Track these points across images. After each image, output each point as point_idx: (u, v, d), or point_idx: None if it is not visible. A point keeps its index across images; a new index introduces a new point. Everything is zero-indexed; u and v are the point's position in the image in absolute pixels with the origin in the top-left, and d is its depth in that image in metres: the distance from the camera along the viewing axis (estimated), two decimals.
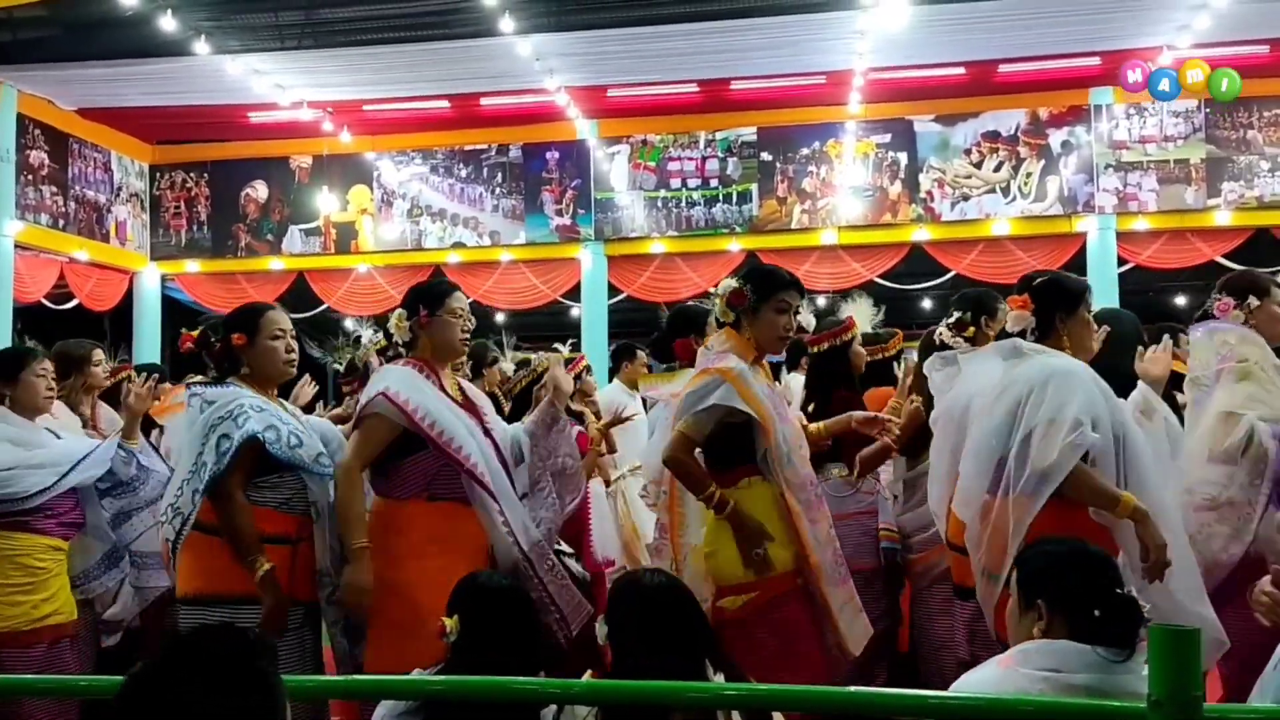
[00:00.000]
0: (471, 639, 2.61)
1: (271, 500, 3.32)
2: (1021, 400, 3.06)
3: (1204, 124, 11.35)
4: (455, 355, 3.66)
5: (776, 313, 3.48)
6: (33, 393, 3.88)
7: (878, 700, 1.94)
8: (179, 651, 1.35)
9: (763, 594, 3.26)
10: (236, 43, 10.16)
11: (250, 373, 3.42)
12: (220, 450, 3.20)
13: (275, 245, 12.69)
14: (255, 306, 3.56)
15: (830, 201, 11.86)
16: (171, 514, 3.29)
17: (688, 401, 3.35)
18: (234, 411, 3.26)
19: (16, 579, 3.68)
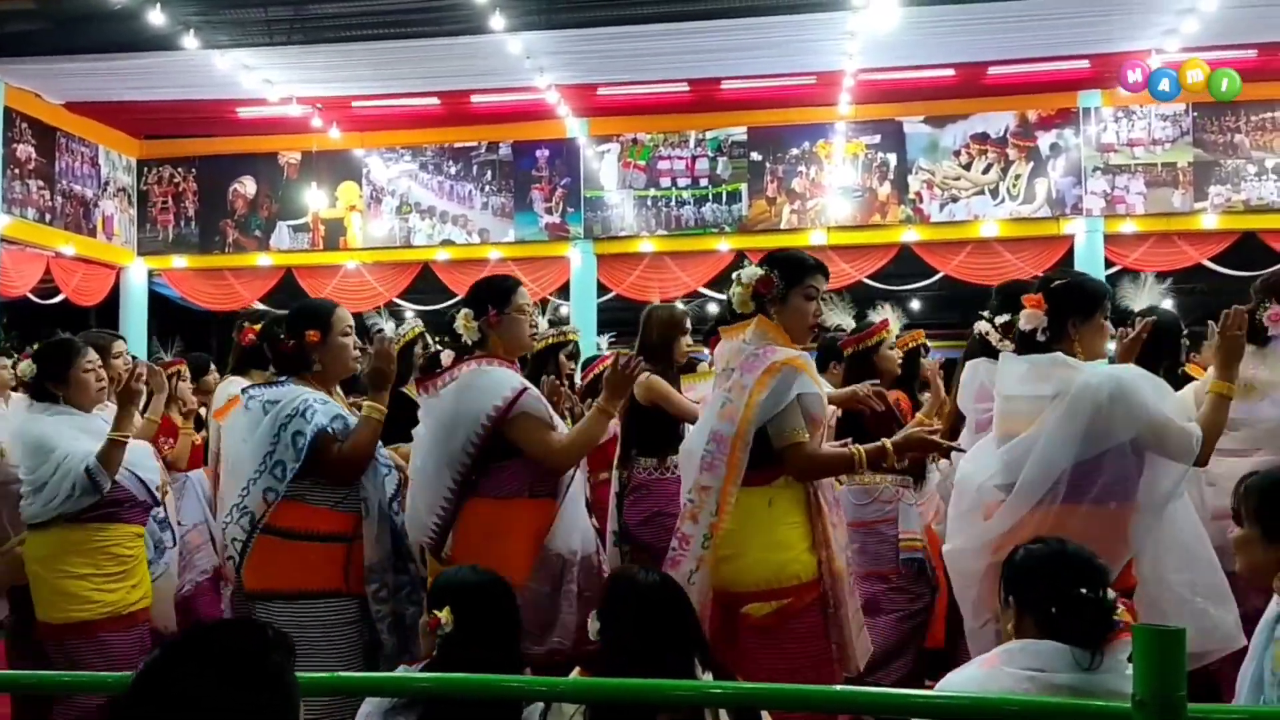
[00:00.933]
0: (456, 635, 2.61)
1: (329, 499, 3.34)
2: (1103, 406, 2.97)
3: (1191, 128, 11.40)
4: (524, 351, 3.67)
5: (805, 299, 3.34)
6: (85, 388, 3.85)
7: (864, 699, 1.94)
8: (192, 644, 1.34)
9: (795, 601, 3.15)
10: (225, 37, 10.12)
11: (320, 369, 3.44)
12: (298, 447, 3.25)
13: (263, 241, 12.65)
14: (326, 303, 3.61)
15: (819, 202, 11.88)
16: (239, 514, 3.32)
17: (770, 403, 3.14)
18: (300, 408, 3.29)
19: (110, 568, 3.75)
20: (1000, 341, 3.73)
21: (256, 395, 3.39)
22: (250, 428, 3.37)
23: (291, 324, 3.47)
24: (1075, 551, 2.29)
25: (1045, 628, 2.16)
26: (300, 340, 3.41)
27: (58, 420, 3.78)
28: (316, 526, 3.30)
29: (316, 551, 3.30)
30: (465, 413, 3.36)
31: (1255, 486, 2.37)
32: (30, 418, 3.83)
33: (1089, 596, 2.14)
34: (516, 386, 3.37)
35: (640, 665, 2.34)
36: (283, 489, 3.27)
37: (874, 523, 4.27)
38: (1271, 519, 2.31)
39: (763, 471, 3.18)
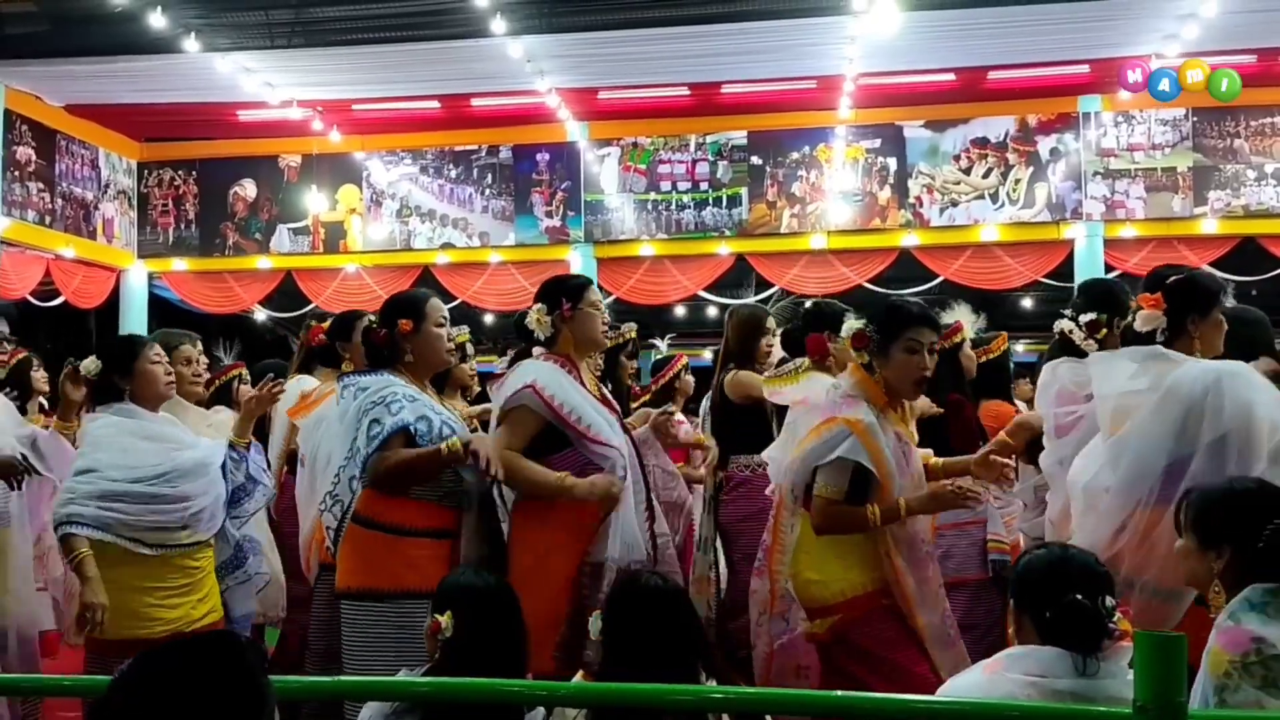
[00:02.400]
0: (458, 638, 2.61)
1: (431, 495, 3.29)
2: (1196, 403, 2.90)
3: (1191, 132, 11.41)
4: (596, 348, 3.69)
5: (907, 353, 3.25)
6: (151, 381, 3.74)
7: (867, 704, 1.94)
8: (167, 652, 1.34)
9: (846, 616, 3.16)
10: (226, 40, 10.12)
11: (413, 361, 3.42)
12: (371, 435, 3.21)
13: (263, 244, 12.64)
14: (420, 293, 3.58)
15: (820, 206, 11.88)
16: (331, 501, 3.29)
17: (815, 452, 3.21)
18: (387, 398, 3.27)
19: (176, 581, 3.61)
20: (1085, 341, 3.64)
21: (351, 382, 3.38)
22: (340, 414, 3.36)
23: (385, 313, 3.45)
24: (1076, 557, 2.29)
25: (1044, 633, 2.17)
26: (393, 330, 3.39)
27: (119, 423, 3.66)
28: (420, 522, 3.25)
29: (421, 548, 3.24)
30: (497, 406, 3.43)
31: (1194, 500, 2.42)
32: (92, 417, 3.72)
33: (1084, 604, 2.14)
34: (526, 381, 3.35)
35: (643, 670, 2.34)
36: (359, 476, 3.23)
37: (964, 524, 4.19)
38: (1206, 529, 2.35)
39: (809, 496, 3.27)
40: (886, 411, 3.29)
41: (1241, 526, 2.27)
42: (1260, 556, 2.22)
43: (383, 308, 3.52)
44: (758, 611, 3.56)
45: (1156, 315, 3.12)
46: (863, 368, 3.28)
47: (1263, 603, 2.16)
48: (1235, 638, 2.12)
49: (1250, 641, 2.09)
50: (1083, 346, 3.63)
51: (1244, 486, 2.41)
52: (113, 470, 3.54)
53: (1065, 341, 3.72)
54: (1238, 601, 2.19)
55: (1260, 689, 2.06)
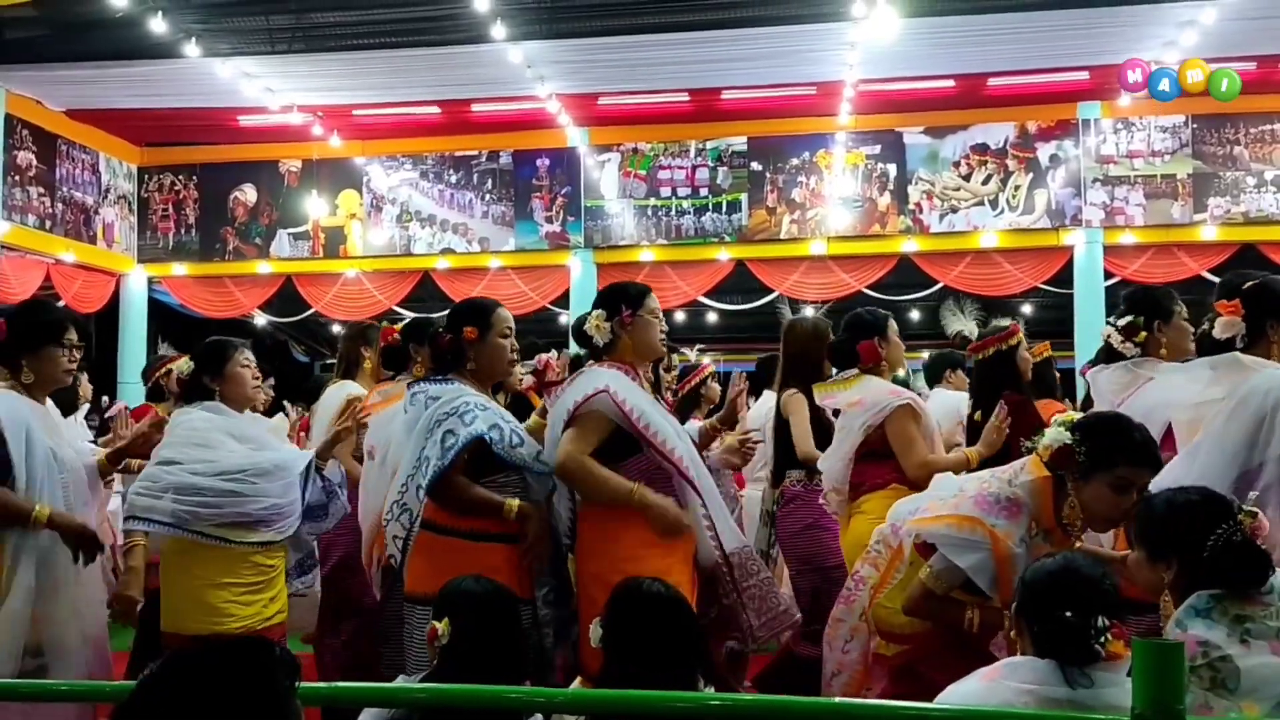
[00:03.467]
0: (457, 645, 2.60)
1: (500, 497, 3.30)
2: (1268, 413, 2.81)
3: (1191, 139, 11.42)
4: (655, 356, 3.63)
5: (1114, 490, 2.75)
6: (241, 384, 3.80)
7: (865, 711, 1.94)
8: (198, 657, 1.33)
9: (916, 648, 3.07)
10: (227, 45, 10.14)
11: (475, 369, 3.42)
12: (445, 446, 3.21)
13: (263, 249, 12.65)
14: (487, 302, 3.59)
15: (819, 212, 11.89)
16: (398, 510, 3.30)
17: (943, 538, 2.89)
18: (460, 409, 3.27)
19: (250, 578, 3.62)
20: (1122, 344, 3.60)
21: (422, 389, 3.38)
22: (410, 421, 3.35)
23: (451, 320, 3.47)
24: (1081, 569, 2.26)
25: (1038, 645, 2.18)
26: (458, 336, 3.40)
27: (210, 418, 3.70)
28: (490, 527, 3.25)
29: (492, 553, 3.24)
30: (558, 413, 3.38)
31: (1140, 513, 2.45)
32: (182, 411, 3.75)
33: (1071, 623, 2.13)
34: (600, 385, 3.31)
35: (642, 675, 2.34)
36: (425, 486, 3.22)
37: None
38: (1153, 542, 2.37)
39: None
40: (1052, 535, 2.88)
41: (1186, 539, 2.28)
42: (1205, 568, 2.25)
43: (450, 313, 3.53)
44: (843, 640, 3.43)
45: (1235, 321, 3.06)
46: (1046, 476, 2.86)
47: (1207, 608, 2.19)
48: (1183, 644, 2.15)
49: (1197, 646, 2.13)
50: (1121, 350, 3.60)
51: (1185, 499, 2.39)
52: (196, 464, 3.59)
53: (1108, 348, 3.68)
54: (1184, 609, 2.22)
55: (1208, 690, 2.09)
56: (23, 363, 3.50)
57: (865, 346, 4.11)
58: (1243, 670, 2.10)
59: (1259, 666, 2.11)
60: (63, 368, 3.56)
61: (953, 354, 5.50)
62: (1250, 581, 2.22)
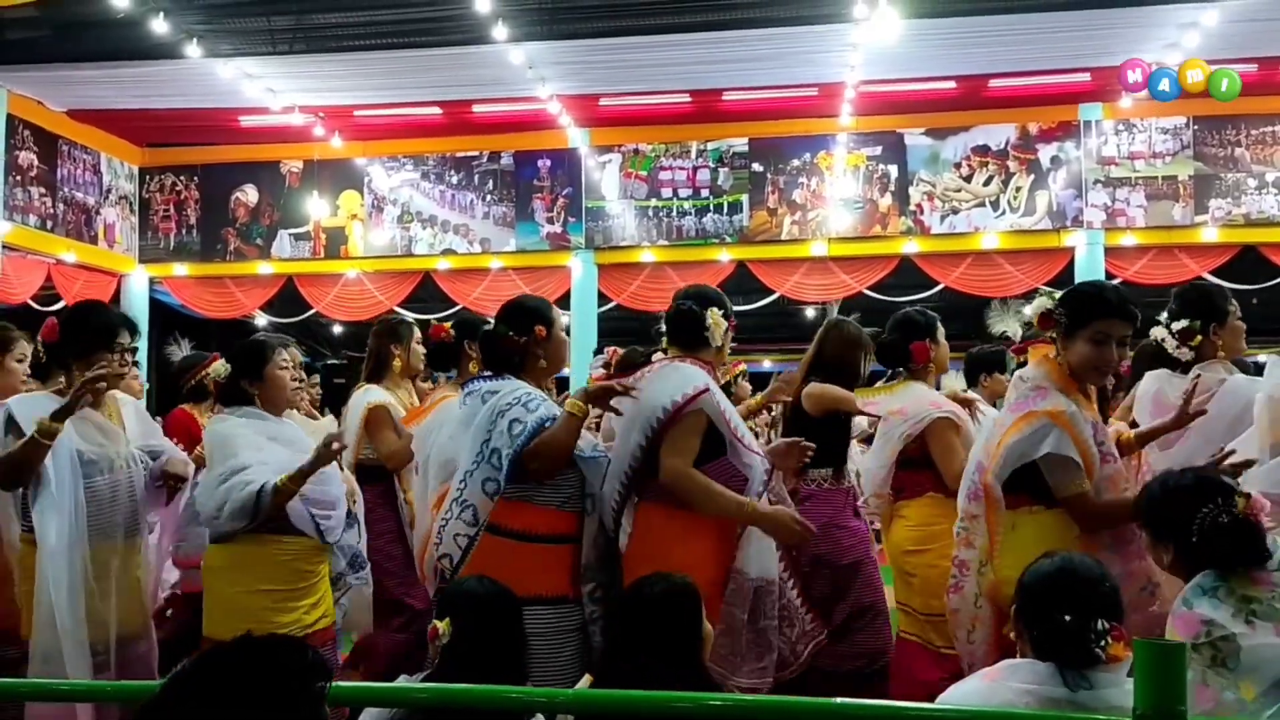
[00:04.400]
0: (458, 645, 2.60)
1: (554, 499, 3.27)
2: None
3: (1192, 141, 11.42)
4: (721, 360, 3.61)
5: (1093, 343, 3.07)
6: (280, 387, 3.73)
7: (864, 712, 1.94)
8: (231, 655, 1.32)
9: None
10: (228, 46, 10.15)
11: (545, 365, 3.43)
12: (514, 434, 3.18)
13: (264, 250, 12.66)
14: (540, 300, 3.58)
15: (820, 213, 11.89)
16: (459, 508, 3.25)
17: (1016, 450, 3.03)
18: (522, 398, 3.26)
19: (290, 584, 3.57)
20: (1178, 349, 3.56)
21: (475, 388, 3.37)
22: (468, 419, 3.32)
23: (516, 319, 3.44)
24: (1080, 571, 2.25)
25: (1035, 648, 2.18)
26: (530, 335, 3.38)
27: (248, 423, 3.65)
28: (544, 528, 3.23)
29: (548, 554, 3.22)
30: (645, 407, 3.29)
31: (1141, 496, 2.53)
32: (219, 418, 3.70)
33: (1070, 627, 2.12)
34: (699, 385, 3.27)
35: (645, 671, 2.33)
36: (501, 479, 3.19)
37: None
38: (1153, 525, 2.46)
39: (1007, 496, 3.11)
40: (1076, 398, 3.10)
41: (1179, 521, 2.35)
42: (1199, 548, 2.31)
43: (510, 313, 3.48)
44: (965, 631, 3.35)
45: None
46: (1050, 357, 3.12)
47: (1213, 587, 2.24)
48: (1188, 622, 2.21)
49: (1200, 624, 2.18)
50: (1176, 355, 3.56)
51: (1179, 481, 2.47)
52: (260, 466, 3.52)
53: (1158, 351, 3.63)
54: (1190, 588, 2.27)
55: (1208, 667, 2.13)
56: (74, 367, 3.48)
57: (918, 347, 4.07)
58: (1243, 649, 2.13)
59: (1261, 647, 2.14)
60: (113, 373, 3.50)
61: (991, 355, 5.43)
62: (1244, 561, 2.26)
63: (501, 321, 3.46)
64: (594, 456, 3.32)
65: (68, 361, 3.49)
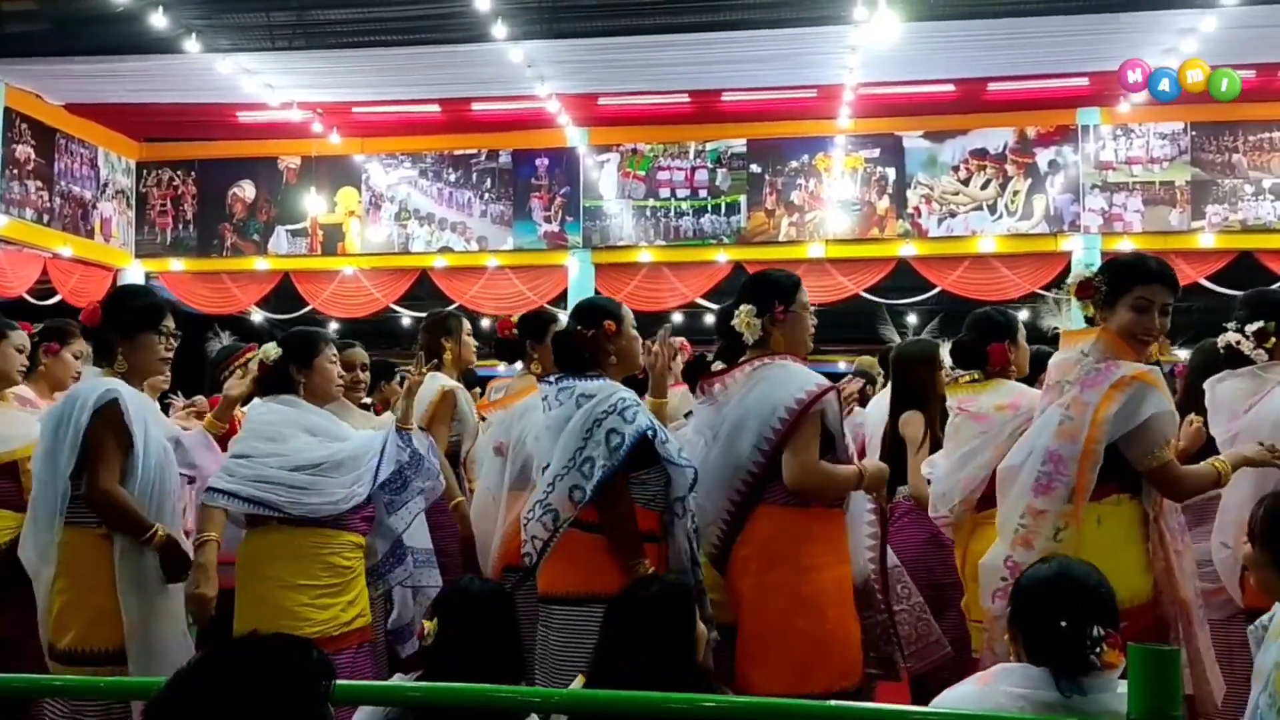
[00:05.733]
0: (451, 645, 2.59)
1: (640, 497, 3.24)
2: None
3: (1190, 146, 11.43)
4: (806, 352, 3.50)
5: (1135, 310, 3.02)
6: (327, 379, 3.71)
7: (859, 715, 1.94)
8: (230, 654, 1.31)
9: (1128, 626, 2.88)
10: (227, 41, 10.13)
11: (615, 363, 3.39)
12: (612, 445, 3.14)
13: (261, 245, 12.64)
14: (610, 299, 3.58)
15: (818, 215, 11.90)
16: (541, 510, 3.23)
17: (1119, 420, 2.91)
18: (618, 406, 3.20)
19: (326, 580, 3.48)
20: (1255, 350, 3.52)
21: (569, 386, 3.31)
22: (559, 422, 3.27)
23: (586, 317, 3.42)
24: (1076, 577, 2.25)
25: (1032, 652, 2.16)
26: (600, 331, 3.36)
27: (284, 411, 3.60)
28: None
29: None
30: (757, 409, 3.22)
31: (1267, 513, 2.39)
32: (265, 403, 3.66)
33: (1068, 634, 2.11)
34: (822, 383, 3.21)
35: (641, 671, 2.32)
36: (589, 489, 3.15)
37: None
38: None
39: (1097, 486, 2.98)
40: None
41: None
42: None
43: (580, 310, 3.48)
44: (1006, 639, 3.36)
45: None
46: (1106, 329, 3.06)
47: None
48: None
49: None
50: (1253, 356, 3.53)
51: None
52: (269, 459, 3.49)
53: (1231, 353, 3.60)
54: None
55: None
56: (119, 351, 3.37)
57: (996, 349, 3.91)
58: None
59: None
60: (159, 355, 3.44)
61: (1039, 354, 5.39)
62: None
63: (573, 318, 3.46)
64: (682, 464, 3.27)
65: (111, 343, 3.38)
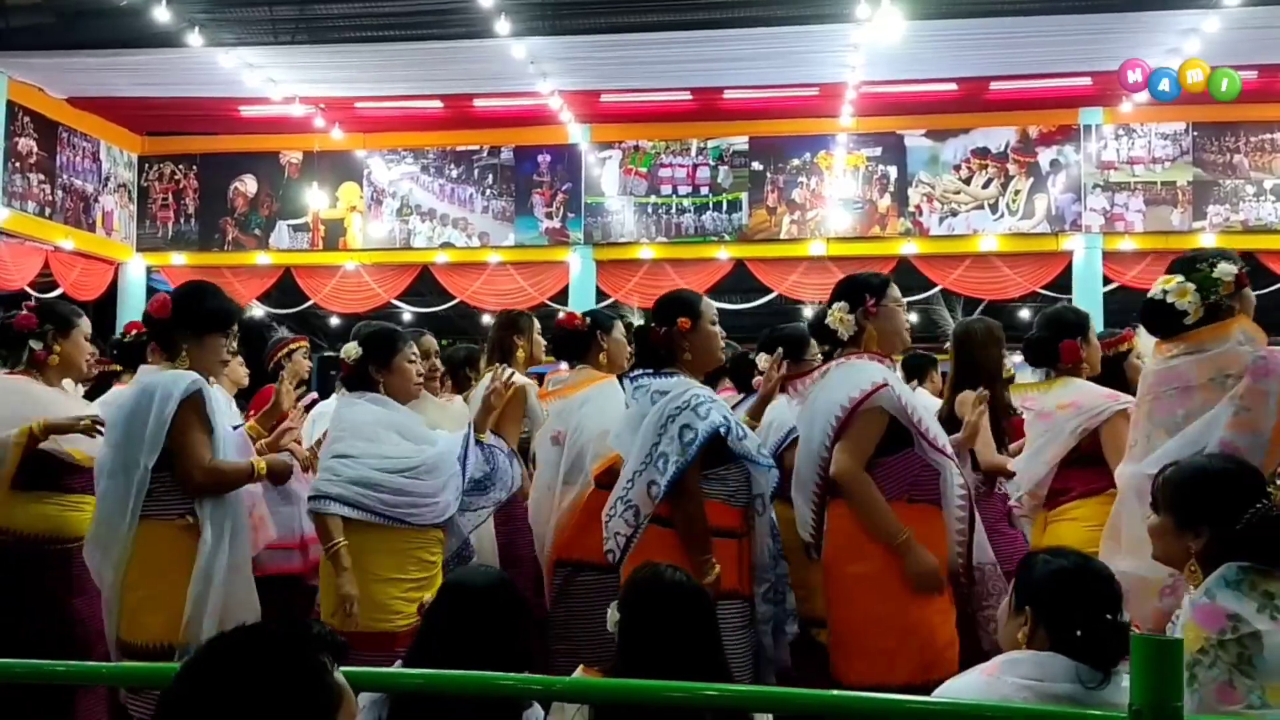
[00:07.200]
0: (449, 635, 2.58)
1: (720, 493, 3.24)
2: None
3: (1191, 147, 11.43)
4: (903, 346, 3.52)
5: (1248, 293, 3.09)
6: (406, 378, 3.71)
7: (858, 704, 1.94)
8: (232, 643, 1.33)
9: None
10: (230, 36, 10.13)
11: (690, 359, 3.37)
12: (684, 441, 3.15)
13: (263, 240, 12.64)
14: (692, 292, 3.54)
15: (819, 213, 11.90)
16: (622, 506, 3.23)
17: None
18: (691, 401, 3.20)
19: (415, 574, 3.52)
20: None
21: (645, 384, 3.32)
22: (636, 419, 3.27)
23: (661, 312, 3.41)
24: (1098, 569, 2.26)
25: (1062, 644, 2.14)
26: (672, 328, 3.34)
27: (376, 412, 3.61)
28: (711, 520, 3.19)
29: (714, 549, 3.18)
30: (823, 407, 3.24)
31: (1171, 479, 2.41)
32: (351, 401, 3.68)
33: (1118, 623, 2.12)
34: (877, 380, 3.19)
35: (657, 668, 2.30)
36: (664, 484, 3.15)
37: None
38: (1184, 509, 2.34)
39: None
40: None
41: (1220, 508, 2.27)
42: (1238, 538, 2.23)
43: (658, 306, 3.46)
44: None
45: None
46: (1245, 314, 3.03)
47: (1238, 580, 2.18)
48: (1211, 614, 2.14)
49: (1226, 619, 2.11)
50: None
51: (1222, 467, 2.40)
52: (370, 459, 3.50)
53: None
54: (1213, 579, 2.20)
55: (1235, 666, 2.07)
56: (183, 347, 3.36)
57: (1068, 346, 3.83)
58: (1267, 647, 2.07)
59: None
60: (220, 359, 3.44)
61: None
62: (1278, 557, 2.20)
63: (651, 313, 3.45)
64: (760, 462, 3.27)
65: (174, 340, 3.37)
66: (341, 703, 1.32)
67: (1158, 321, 3.08)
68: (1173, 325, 3.03)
